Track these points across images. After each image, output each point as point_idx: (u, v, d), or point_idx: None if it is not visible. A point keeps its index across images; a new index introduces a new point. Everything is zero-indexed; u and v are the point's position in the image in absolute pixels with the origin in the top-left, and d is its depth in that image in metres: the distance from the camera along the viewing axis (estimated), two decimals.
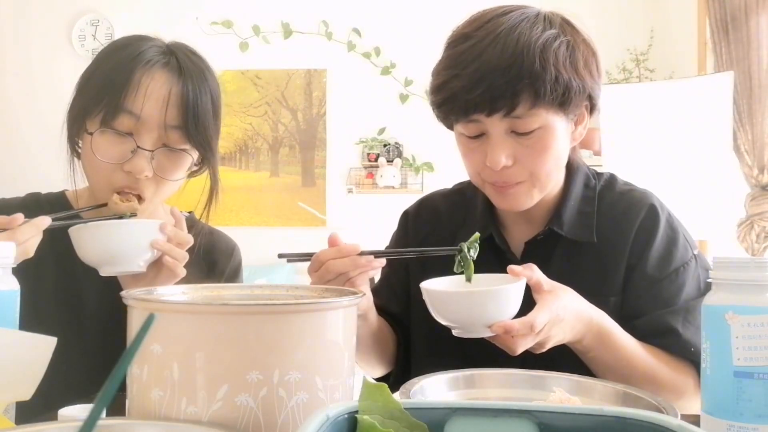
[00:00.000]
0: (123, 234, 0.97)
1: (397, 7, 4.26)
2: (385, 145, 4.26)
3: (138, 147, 1.07)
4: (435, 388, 0.83)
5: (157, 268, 1.01)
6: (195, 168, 1.17)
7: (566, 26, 1.04)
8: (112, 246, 0.97)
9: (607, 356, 1.00)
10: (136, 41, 1.12)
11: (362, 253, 0.96)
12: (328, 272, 0.95)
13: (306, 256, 1.00)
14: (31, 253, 0.94)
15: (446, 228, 1.08)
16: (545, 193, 1.08)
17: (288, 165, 4.43)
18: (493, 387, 0.87)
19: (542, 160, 1.02)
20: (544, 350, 0.95)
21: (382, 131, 4.29)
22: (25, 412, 0.76)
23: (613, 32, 3.91)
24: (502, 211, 1.16)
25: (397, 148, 4.25)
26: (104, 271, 0.99)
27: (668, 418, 0.49)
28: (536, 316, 0.88)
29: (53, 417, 0.73)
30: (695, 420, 0.76)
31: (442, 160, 4.01)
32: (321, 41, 4.31)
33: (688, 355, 1.03)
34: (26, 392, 0.70)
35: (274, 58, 4.35)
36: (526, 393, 0.86)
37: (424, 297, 0.94)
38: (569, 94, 1.00)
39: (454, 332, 0.93)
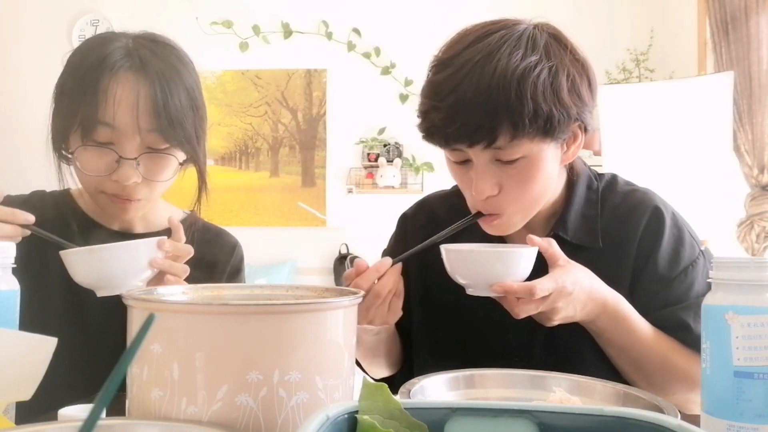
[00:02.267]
0: (120, 257, 0.92)
1: (397, 7, 4.26)
2: (385, 145, 4.26)
3: (121, 157, 1.05)
4: (435, 388, 0.83)
5: (157, 281, 0.98)
6: (182, 163, 1.14)
7: (552, 45, 0.98)
8: (108, 270, 0.92)
9: (622, 339, 1.02)
10: (100, 44, 1.08)
11: (395, 262, 0.97)
12: (378, 297, 0.94)
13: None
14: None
15: (444, 228, 1.07)
16: (531, 217, 1.07)
17: (288, 165, 4.43)
18: (493, 387, 0.87)
19: (528, 188, 1.00)
20: (554, 323, 0.96)
21: (382, 131, 4.29)
22: (25, 412, 0.76)
23: (613, 32, 3.92)
24: None
25: (397, 148, 4.25)
26: (101, 293, 0.95)
27: (668, 418, 0.49)
28: (538, 282, 0.90)
29: (53, 417, 0.73)
30: (695, 420, 0.76)
31: (442, 160, 3.99)
32: (321, 41, 4.31)
33: (699, 349, 1.03)
34: (26, 392, 0.69)
35: (274, 58, 4.35)
36: (526, 393, 0.86)
37: (443, 256, 0.98)
38: (552, 124, 0.95)
39: (468, 291, 0.97)
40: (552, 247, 0.97)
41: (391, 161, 4.23)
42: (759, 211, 3.32)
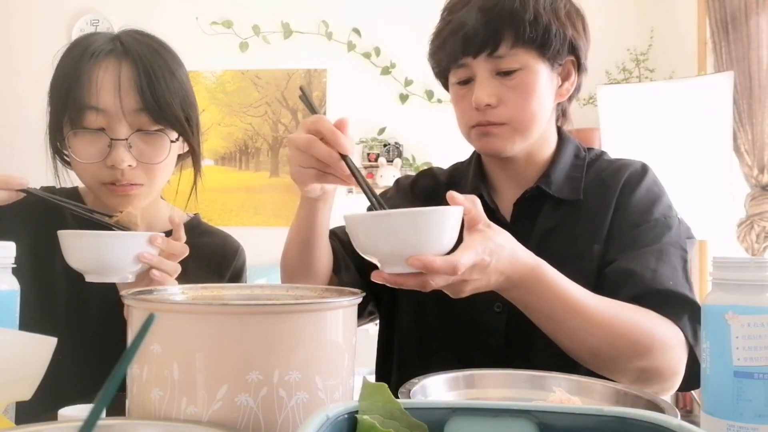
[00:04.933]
0: (109, 246, 0.94)
1: (397, 7, 4.25)
2: (385, 145, 4.25)
3: (112, 139, 1.07)
4: (435, 388, 0.83)
5: (149, 278, 0.97)
6: (176, 144, 1.15)
7: None
8: (98, 256, 0.94)
9: (549, 307, 0.92)
10: (85, 38, 1.13)
11: (345, 159, 0.88)
12: (311, 146, 0.89)
13: (312, 108, 0.94)
14: None
15: (443, 194, 1.09)
16: (528, 143, 1.11)
17: (288, 165, 4.42)
18: (493, 387, 0.87)
19: (525, 101, 1.07)
20: (463, 296, 0.86)
21: (382, 131, 4.28)
22: (25, 412, 0.76)
23: (613, 32, 3.91)
24: (492, 174, 1.20)
25: (397, 148, 4.24)
26: (90, 278, 0.96)
27: (668, 418, 0.49)
28: (461, 256, 0.78)
29: (53, 417, 0.73)
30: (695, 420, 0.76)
31: (442, 160, 4.01)
32: (321, 41, 4.31)
33: (664, 285, 1.00)
34: (26, 392, 0.70)
35: (274, 58, 4.35)
36: (526, 393, 0.85)
37: (347, 229, 0.82)
38: (548, 36, 1.05)
39: (384, 269, 0.81)
40: (476, 206, 0.85)
41: (391, 161, 4.23)
42: (759, 211, 3.32)
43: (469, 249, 0.80)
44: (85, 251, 0.94)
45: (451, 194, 0.83)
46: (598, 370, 0.97)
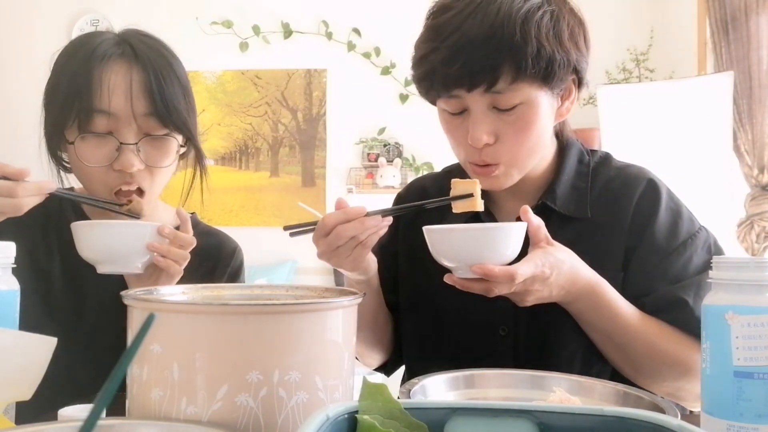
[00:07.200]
0: (120, 235, 0.97)
1: (397, 7, 4.26)
2: (385, 145, 4.26)
3: (121, 143, 1.06)
4: (435, 388, 0.83)
5: (158, 269, 1.00)
6: (182, 150, 1.17)
7: None
8: (109, 246, 0.97)
9: (604, 324, 0.99)
10: (88, 39, 1.11)
11: (369, 214, 0.93)
12: (338, 238, 0.93)
13: (311, 225, 0.99)
14: (21, 212, 0.92)
15: (435, 208, 1.07)
16: (526, 172, 1.06)
17: (288, 165, 4.43)
18: (493, 387, 0.87)
19: (524, 137, 0.99)
20: (527, 305, 0.94)
21: (382, 131, 4.29)
22: (25, 412, 0.76)
23: (613, 32, 3.92)
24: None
25: (397, 148, 4.25)
26: (101, 269, 0.99)
27: (668, 418, 0.49)
28: (519, 267, 0.87)
29: (53, 417, 0.73)
30: (696, 419, 0.76)
31: (442, 160, 4.01)
32: (321, 41, 4.31)
33: (697, 332, 1.02)
34: (26, 392, 0.70)
35: (274, 58, 4.35)
36: (526, 393, 0.86)
37: (426, 238, 0.93)
38: (552, 68, 0.95)
39: (456, 274, 0.92)
40: (541, 228, 0.94)
41: (391, 161, 4.23)
42: (759, 211, 3.32)
43: (529, 262, 0.89)
44: (97, 241, 0.97)
45: (525, 209, 0.93)
46: (638, 383, 1.00)
